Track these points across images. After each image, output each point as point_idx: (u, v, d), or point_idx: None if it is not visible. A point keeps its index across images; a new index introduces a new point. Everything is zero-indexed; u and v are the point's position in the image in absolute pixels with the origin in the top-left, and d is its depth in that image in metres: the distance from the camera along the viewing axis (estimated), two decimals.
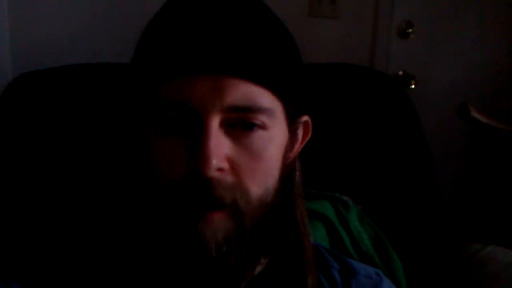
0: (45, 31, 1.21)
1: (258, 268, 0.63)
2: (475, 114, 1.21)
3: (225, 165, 0.55)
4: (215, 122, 0.55)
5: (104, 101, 0.99)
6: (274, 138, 0.58)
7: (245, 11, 0.58)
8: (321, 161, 0.99)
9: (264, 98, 0.57)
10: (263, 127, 0.57)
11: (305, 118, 0.65)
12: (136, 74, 0.60)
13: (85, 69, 1.05)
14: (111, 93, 0.98)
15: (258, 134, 0.57)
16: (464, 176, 1.59)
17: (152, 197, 0.58)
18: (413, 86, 1.50)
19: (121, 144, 0.77)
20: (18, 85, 1.01)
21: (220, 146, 0.55)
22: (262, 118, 0.57)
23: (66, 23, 1.23)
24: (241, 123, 0.56)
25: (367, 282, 0.67)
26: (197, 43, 0.55)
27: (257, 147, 0.57)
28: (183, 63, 0.55)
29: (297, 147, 0.65)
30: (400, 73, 1.51)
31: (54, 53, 1.19)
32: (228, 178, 0.56)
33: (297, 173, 0.65)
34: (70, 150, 0.97)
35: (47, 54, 1.19)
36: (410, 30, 1.50)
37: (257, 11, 0.60)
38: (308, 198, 0.68)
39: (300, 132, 0.65)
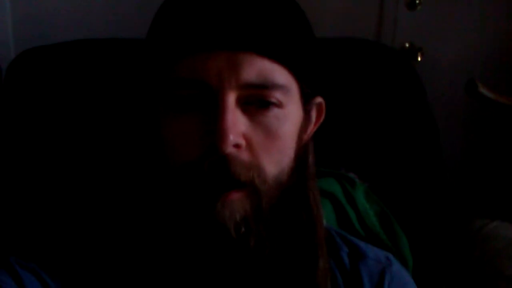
0: (49, 4, 1.19)
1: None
2: (483, 90, 1.20)
3: (242, 141, 0.56)
4: (231, 98, 0.55)
5: (114, 79, 0.98)
6: (289, 117, 0.59)
7: None
8: (326, 138, 0.98)
9: (280, 74, 0.57)
10: (278, 105, 0.57)
11: (319, 99, 0.65)
12: (151, 52, 0.60)
13: (91, 44, 1.03)
14: (121, 70, 0.97)
15: (274, 112, 0.57)
16: (471, 151, 1.58)
17: (168, 178, 0.58)
18: (419, 59, 1.48)
19: (133, 123, 0.76)
20: (22, 62, 1.00)
21: (236, 123, 0.55)
22: (277, 96, 0.57)
23: None
24: (257, 101, 0.57)
25: (376, 266, 0.67)
26: (212, 19, 0.55)
27: (273, 125, 0.57)
28: (198, 39, 0.55)
29: (311, 129, 0.65)
30: (407, 45, 1.49)
31: (58, 28, 1.18)
32: (245, 156, 0.56)
33: (311, 154, 0.65)
34: (78, 130, 0.96)
35: (51, 29, 1.18)
36: (418, 1, 1.48)
37: None
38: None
39: (314, 114, 0.65)
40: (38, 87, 0.98)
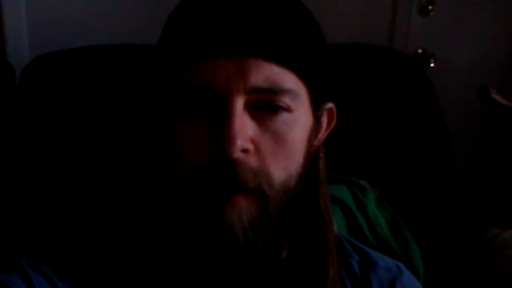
0: (63, 11, 1.20)
1: (281, 256, 0.63)
2: (495, 96, 1.19)
3: (250, 146, 0.56)
4: (239, 103, 0.55)
5: (126, 85, 0.99)
6: (298, 122, 0.58)
7: None
8: (338, 144, 0.98)
9: (288, 79, 0.57)
10: (287, 109, 0.57)
11: (330, 105, 0.64)
12: (161, 58, 0.60)
13: (104, 50, 1.05)
14: (133, 76, 0.98)
15: (283, 117, 0.57)
16: (483, 158, 1.57)
17: (176, 183, 0.58)
18: (432, 65, 1.48)
19: (144, 128, 0.77)
20: (36, 67, 1.01)
21: (244, 127, 0.55)
22: (286, 100, 0.57)
23: (85, 2, 1.22)
24: (266, 105, 0.57)
25: (386, 275, 0.67)
26: (220, 24, 0.56)
27: (282, 130, 0.57)
28: (206, 44, 0.56)
29: (322, 134, 0.65)
30: (420, 51, 1.49)
31: (73, 34, 1.19)
32: (252, 161, 0.56)
33: (321, 161, 0.65)
34: (90, 134, 0.97)
35: (65, 35, 1.19)
36: (431, 7, 1.47)
37: None
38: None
39: (324, 120, 0.65)
40: (52, 92, 0.99)
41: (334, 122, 0.66)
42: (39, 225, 0.93)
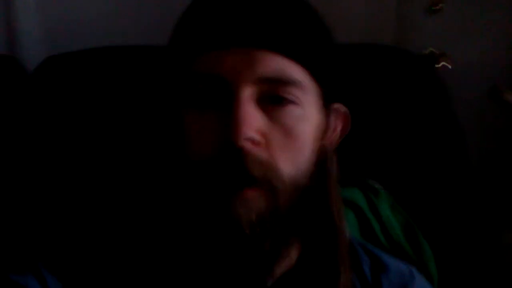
0: (75, 11, 1.20)
1: (291, 261, 0.63)
2: (507, 95, 1.18)
3: (257, 137, 0.56)
4: (246, 93, 0.55)
5: (137, 85, 0.99)
6: (306, 116, 0.59)
7: None
8: (350, 147, 0.98)
9: (295, 71, 0.57)
10: (296, 102, 0.57)
11: (342, 108, 0.64)
12: (170, 53, 0.61)
13: (116, 51, 1.05)
14: (144, 77, 0.98)
15: (290, 109, 0.57)
16: (497, 160, 1.56)
17: (184, 174, 0.58)
18: (442, 64, 1.47)
19: (155, 124, 0.77)
20: (48, 68, 1.01)
21: (251, 117, 0.55)
22: (294, 92, 0.57)
23: (97, 3, 1.22)
24: (273, 97, 0.57)
25: (398, 279, 0.67)
26: (229, 17, 0.57)
27: (289, 123, 0.57)
28: (215, 36, 0.56)
29: (333, 136, 0.65)
30: (428, 50, 1.48)
31: (84, 35, 1.19)
32: (261, 153, 0.56)
33: (333, 164, 0.65)
34: (102, 132, 0.97)
35: (77, 35, 1.19)
36: (439, 6, 1.47)
37: None
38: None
39: (334, 119, 0.65)
40: (64, 93, 0.99)
41: (348, 128, 0.66)
42: (51, 225, 0.93)
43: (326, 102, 0.62)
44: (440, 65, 1.45)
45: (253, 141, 0.55)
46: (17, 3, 1.16)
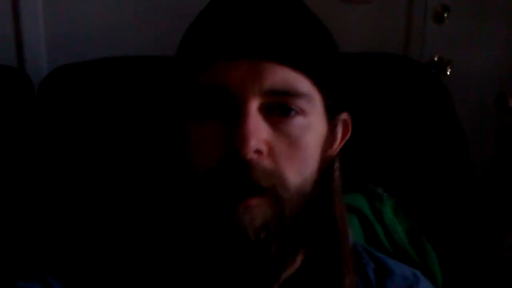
0: (82, 22, 1.22)
1: (295, 265, 0.63)
2: None
3: (263, 148, 0.56)
4: (253, 105, 0.55)
5: (143, 96, 1.00)
6: (312, 127, 0.59)
7: (283, 3, 0.60)
8: (354, 152, 0.99)
9: (302, 83, 0.58)
10: (301, 113, 0.57)
11: (345, 116, 0.64)
12: (177, 62, 0.61)
13: (123, 62, 1.06)
14: (151, 87, 0.99)
15: (297, 120, 0.57)
16: (501, 166, 1.56)
17: (189, 185, 0.58)
18: (448, 72, 1.47)
19: (159, 135, 0.78)
20: (54, 79, 1.02)
21: (258, 129, 0.55)
22: (300, 104, 0.57)
23: (103, 15, 1.23)
24: (280, 108, 0.57)
25: (403, 283, 0.66)
26: (236, 28, 0.57)
27: (296, 134, 0.57)
28: (221, 47, 0.56)
29: (337, 145, 0.65)
30: (435, 58, 1.48)
31: (90, 45, 1.20)
32: (266, 163, 0.56)
33: (337, 171, 0.65)
34: (107, 145, 0.98)
35: (83, 46, 1.20)
36: (446, 14, 1.47)
37: (294, 4, 0.61)
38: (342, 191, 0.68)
39: (339, 130, 0.65)
40: (70, 104, 1.00)
41: (349, 133, 0.66)
42: (56, 232, 0.94)
43: (331, 112, 0.62)
44: (446, 73, 1.45)
45: (258, 152, 0.56)
46: (24, 14, 1.17)
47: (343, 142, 0.66)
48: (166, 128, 0.67)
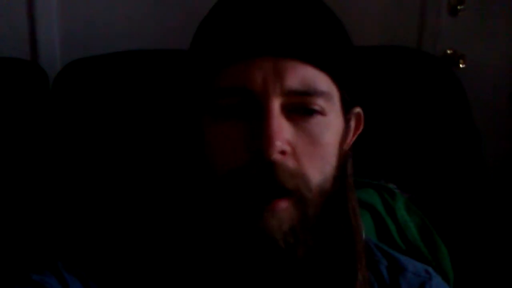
0: (95, 16, 1.22)
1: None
2: None
3: (287, 148, 0.56)
4: (276, 104, 0.55)
5: (158, 90, 1.00)
6: (331, 125, 0.59)
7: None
8: (366, 148, 0.98)
9: (322, 82, 0.58)
10: (321, 112, 0.58)
11: (358, 109, 0.65)
12: (194, 61, 0.61)
13: (137, 55, 1.06)
14: (165, 81, 0.99)
15: (317, 119, 0.58)
16: None
17: (213, 187, 0.58)
18: (462, 66, 1.46)
19: (176, 134, 0.78)
20: (69, 73, 1.03)
21: (282, 129, 0.55)
22: (320, 103, 0.57)
23: (116, 8, 1.23)
24: (300, 108, 0.57)
25: (415, 280, 0.66)
26: (256, 26, 0.56)
27: (316, 133, 0.57)
28: (242, 46, 0.56)
29: (350, 139, 0.65)
30: (449, 51, 1.47)
31: (104, 39, 1.20)
32: (290, 163, 0.56)
33: (349, 165, 0.65)
34: (124, 139, 0.99)
35: (97, 40, 1.20)
36: (460, 7, 1.45)
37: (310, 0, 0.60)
38: (354, 186, 0.68)
39: (352, 124, 0.65)
40: (85, 97, 1.01)
41: (361, 127, 0.66)
42: (72, 228, 0.94)
43: (347, 107, 0.62)
44: (460, 66, 1.44)
45: (282, 152, 0.56)
46: (38, 9, 1.17)
47: (355, 136, 0.66)
48: (182, 125, 0.67)
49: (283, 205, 0.56)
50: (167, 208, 0.70)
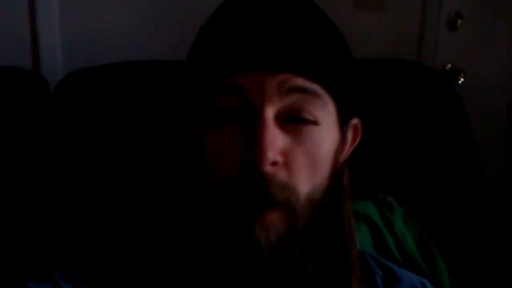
0: (97, 27, 1.23)
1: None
2: None
3: (279, 158, 0.56)
4: (270, 113, 0.56)
5: (159, 100, 1.00)
6: (326, 136, 0.59)
7: (296, 9, 0.59)
8: (364, 160, 0.99)
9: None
10: (316, 123, 0.58)
11: (355, 121, 0.65)
12: (192, 73, 0.61)
13: (138, 66, 1.06)
14: (166, 91, 0.99)
15: (311, 129, 0.58)
16: None
17: (206, 195, 0.59)
18: (461, 80, 1.46)
19: (176, 142, 0.78)
20: (70, 83, 1.03)
21: (275, 139, 0.56)
22: (315, 112, 0.57)
23: (118, 19, 1.24)
24: (295, 118, 0.57)
25: None
26: (253, 40, 0.57)
27: (310, 143, 0.58)
28: (239, 59, 0.57)
29: (347, 150, 0.65)
30: (448, 66, 1.48)
31: (106, 49, 1.21)
32: (281, 174, 0.56)
33: (345, 176, 0.65)
34: (122, 149, 0.99)
35: (98, 50, 1.21)
36: (460, 22, 1.46)
37: (308, 10, 0.61)
38: (351, 198, 0.68)
39: (350, 135, 0.65)
40: (86, 107, 1.01)
41: (358, 138, 0.66)
42: (69, 235, 0.94)
43: (344, 119, 0.62)
44: (459, 81, 1.45)
45: (274, 162, 0.56)
46: (40, 18, 1.18)
47: (352, 147, 0.66)
48: (181, 133, 0.67)
49: (272, 217, 0.56)
50: (165, 216, 0.70)
